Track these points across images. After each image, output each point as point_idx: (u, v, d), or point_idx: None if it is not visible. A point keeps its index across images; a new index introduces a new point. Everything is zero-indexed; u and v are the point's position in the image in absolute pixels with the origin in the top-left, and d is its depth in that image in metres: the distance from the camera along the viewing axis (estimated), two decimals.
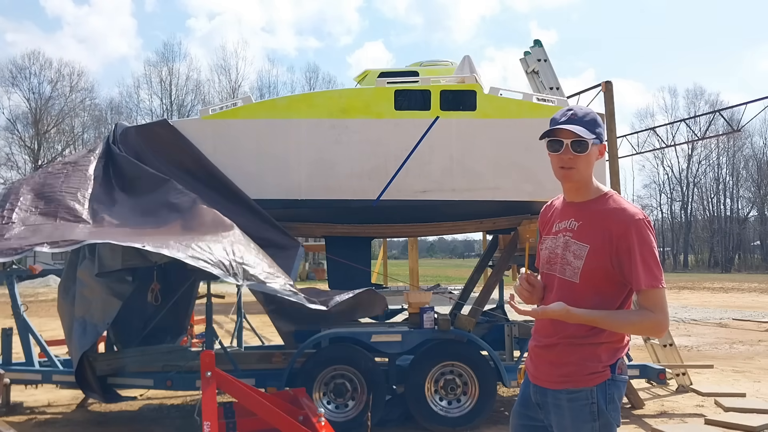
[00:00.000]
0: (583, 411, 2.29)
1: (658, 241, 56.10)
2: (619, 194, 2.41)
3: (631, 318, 2.29)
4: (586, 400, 2.28)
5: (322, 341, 6.06)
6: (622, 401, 2.40)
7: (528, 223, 6.52)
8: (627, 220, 2.26)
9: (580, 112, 2.36)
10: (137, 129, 6.47)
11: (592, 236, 2.30)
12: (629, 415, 6.55)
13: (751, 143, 60.59)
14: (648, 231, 2.26)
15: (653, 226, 2.34)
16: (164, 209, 5.63)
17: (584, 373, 2.29)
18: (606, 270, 2.27)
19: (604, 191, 2.39)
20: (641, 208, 2.34)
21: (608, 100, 8.26)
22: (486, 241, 8.64)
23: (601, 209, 2.32)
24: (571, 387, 2.31)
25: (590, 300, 2.28)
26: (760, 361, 9.91)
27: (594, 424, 2.28)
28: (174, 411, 6.88)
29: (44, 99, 47.27)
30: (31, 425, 6.26)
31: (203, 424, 3.74)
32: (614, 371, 2.30)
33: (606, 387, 2.29)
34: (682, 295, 25.11)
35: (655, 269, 2.23)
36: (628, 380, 2.40)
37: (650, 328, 2.31)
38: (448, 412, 5.94)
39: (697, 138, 40.19)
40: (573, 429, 2.31)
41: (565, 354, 2.33)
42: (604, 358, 2.29)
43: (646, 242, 2.24)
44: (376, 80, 6.52)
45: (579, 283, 2.31)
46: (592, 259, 2.28)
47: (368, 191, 6.22)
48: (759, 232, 61.40)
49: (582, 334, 2.29)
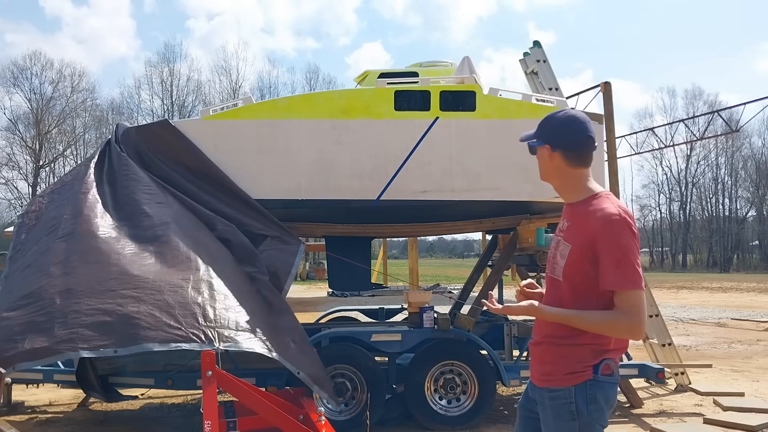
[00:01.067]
0: (562, 410, 2.30)
1: (657, 241, 55.68)
2: (610, 195, 2.38)
3: (596, 318, 2.25)
4: (565, 400, 2.30)
5: (322, 341, 6.09)
6: (612, 401, 2.34)
7: (527, 223, 6.55)
8: (603, 219, 2.24)
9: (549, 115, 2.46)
10: (138, 129, 6.49)
11: (574, 236, 2.33)
12: (628, 414, 6.58)
13: (750, 143, 60.73)
14: (624, 231, 2.23)
15: (636, 225, 2.30)
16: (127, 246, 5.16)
17: (563, 372, 2.31)
18: (585, 270, 2.28)
19: (595, 192, 2.38)
20: (625, 208, 2.30)
21: (607, 100, 8.29)
22: (485, 241, 8.66)
23: (585, 210, 2.33)
24: (551, 386, 2.34)
25: (573, 299, 2.31)
26: (758, 360, 9.94)
27: (573, 423, 2.28)
28: (175, 410, 6.90)
29: (45, 99, 47.33)
30: (32, 424, 6.28)
31: (204, 423, 3.77)
32: (597, 372, 2.28)
33: (586, 387, 2.28)
34: (681, 295, 25.14)
35: (628, 270, 2.20)
36: (618, 381, 2.35)
37: (617, 330, 2.25)
38: (448, 411, 5.96)
39: (696, 138, 40.21)
40: (554, 427, 2.34)
41: (547, 353, 2.38)
42: (584, 358, 2.29)
43: (619, 243, 2.21)
44: (376, 81, 6.54)
45: (563, 282, 2.35)
46: (573, 258, 2.31)
47: (368, 191, 6.24)
48: (757, 232, 61.41)
49: (562, 335, 2.32)
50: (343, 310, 8.54)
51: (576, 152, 2.39)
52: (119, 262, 4.93)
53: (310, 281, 34.57)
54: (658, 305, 8.07)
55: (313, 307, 13.11)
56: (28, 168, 46.52)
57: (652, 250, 66.33)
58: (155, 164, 6.19)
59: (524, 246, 6.66)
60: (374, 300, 8.35)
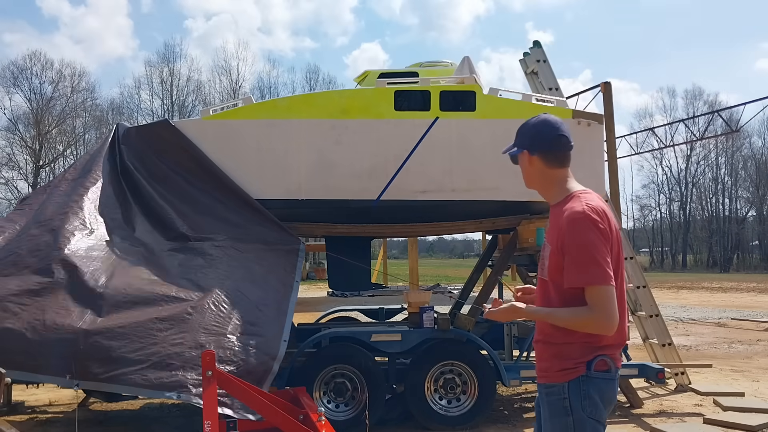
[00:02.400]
0: (557, 406, 2.36)
1: (657, 241, 55.53)
2: (585, 193, 2.40)
3: (567, 314, 2.29)
4: (559, 396, 2.35)
5: (322, 340, 6.09)
6: (609, 397, 2.36)
7: (527, 224, 6.55)
8: (568, 218, 2.30)
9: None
10: (138, 129, 6.50)
11: (552, 237, 2.40)
12: (628, 414, 6.58)
13: (750, 144, 60.68)
14: (586, 229, 2.25)
15: (609, 222, 2.30)
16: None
17: (555, 369, 2.36)
18: (561, 268, 2.33)
19: (571, 192, 2.42)
20: (595, 206, 2.29)
21: (607, 101, 8.30)
22: (485, 241, 8.66)
23: (560, 210, 2.39)
24: (547, 382, 2.41)
25: (559, 299, 2.35)
26: (758, 360, 9.94)
27: (567, 419, 2.33)
28: (175, 410, 6.90)
29: (45, 99, 47.29)
30: (32, 424, 6.28)
31: (204, 423, 3.77)
32: (590, 368, 2.31)
33: (579, 383, 2.31)
34: (681, 295, 25.13)
35: (590, 267, 2.22)
36: (615, 377, 2.37)
37: (587, 326, 2.26)
38: (448, 411, 5.96)
39: (696, 138, 40.25)
40: (551, 422, 2.39)
41: (542, 351, 2.45)
42: (575, 355, 2.32)
43: (579, 240, 2.25)
44: (376, 81, 6.55)
45: (549, 282, 2.40)
46: (552, 258, 2.37)
47: (368, 191, 6.24)
48: (757, 232, 61.38)
49: (554, 332, 2.36)
50: (343, 310, 8.54)
51: (552, 153, 2.45)
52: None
53: (310, 281, 34.55)
54: (658, 305, 8.06)
55: (313, 307, 13.09)
56: (28, 168, 46.52)
57: (652, 250, 66.31)
58: (155, 164, 6.20)
59: (524, 246, 6.66)
60: (374, 300, 8.34)
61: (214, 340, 4.69)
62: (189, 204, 6.04)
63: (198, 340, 4.65)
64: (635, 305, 7.95)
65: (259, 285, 5.39)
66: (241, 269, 5.49)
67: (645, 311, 7.88)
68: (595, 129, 6.35)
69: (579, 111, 6.68)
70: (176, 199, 6.05)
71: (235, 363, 4.64)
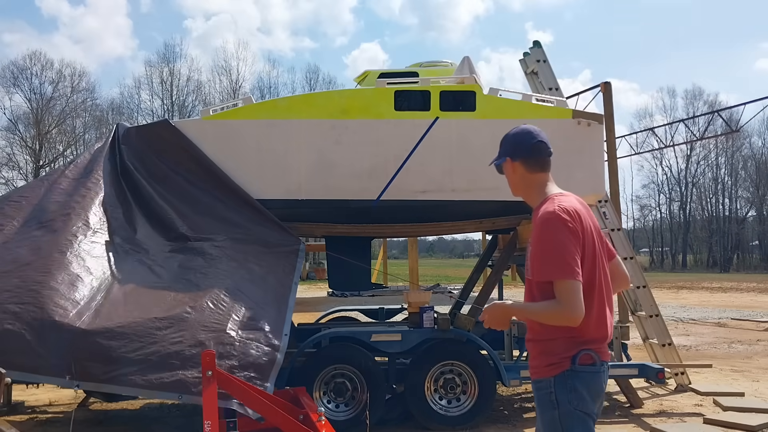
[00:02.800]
0: (545, 400, 2.46)
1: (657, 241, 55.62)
2: (561, 196, 2.54)
3: (539, 308, 2.41)
4: (546, 390, 2.45)
5: (322, 340, 6.09)
6: (596, 390, 2.42)
7: (527, 224, 6.54)
8: (539, 219, 2.47)
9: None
10: (138, 129, 6.50)
11: (531, 238, 2.56)
12: (628, 414, 6.58)
13: (750, 144, 60.72)
14: (552, 227, 2.39)
15: (581, 221, 2.42)
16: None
17: (543, 365, 2.48)
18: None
19: (548, 195, 2.56)
20: (567, 207, 2.42)
21: (607, 101, 8.30)
22: (485, 241, 8.67)
23: (537, 212, 2.55)
24: (536, 378, 2.53)
25: (538, 295, 2.45)
26: (758, 360, 9.94)
27: (554, 412, 2.42)
28: (175, 410, 6.90)
29: (45, 99, 47.29)
30: (32, 424, 6.28)
31: (204, 423, 3.76)
32: (575, 362, 2.39)
33: (565, 378, 2.41)
34: (681, 295, 25.13)
35: (554, 261, 2.35)
36: (600, 370, 2.43)
37: (554, 318, 2.37)
38: (448, 411, 5.96)
39: (696, 138, 40.26)
40: (540, 415, 2.52)
41: (531, 348, 2.58)
42: (560, 351, 2.42)
43: (546, 237, 2.41)
44: (376, 81, 6.55)
45: (533, 281, 2.51)
46: (531, 257, 2.51)
47: (368, 191, 6.24)
48: (757, 232, 61.41)
49: (539, 330, 2.48)
50: (343, 310, 8.54)
51: (533, 158, 2.61)
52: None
53: (310, 281, 34.56)
54: (658, 305, 8.07)
55: (313, 307, 13.10)
56: (28, 168, 46.50)
57: (652, 250, 66.32)
58: (155, 164, 6.19)
59: (524, 246, 6.65)
60: (374, 300, 8.35)
61: (213, 336, 4.68)
62: (189, 204, 6.04)
63: (197, 337, 4.65)
64: (635, 305, 7.95)
65: (258, 285, 5.39)
66: (241, 269, 5.49)
67: (645, 311, 7.88)
68: (595, 129, 6.35)
69: (579, 111, 6.68)
70: (176, 200, 6.05)
71: (237, 357, 4.63)
